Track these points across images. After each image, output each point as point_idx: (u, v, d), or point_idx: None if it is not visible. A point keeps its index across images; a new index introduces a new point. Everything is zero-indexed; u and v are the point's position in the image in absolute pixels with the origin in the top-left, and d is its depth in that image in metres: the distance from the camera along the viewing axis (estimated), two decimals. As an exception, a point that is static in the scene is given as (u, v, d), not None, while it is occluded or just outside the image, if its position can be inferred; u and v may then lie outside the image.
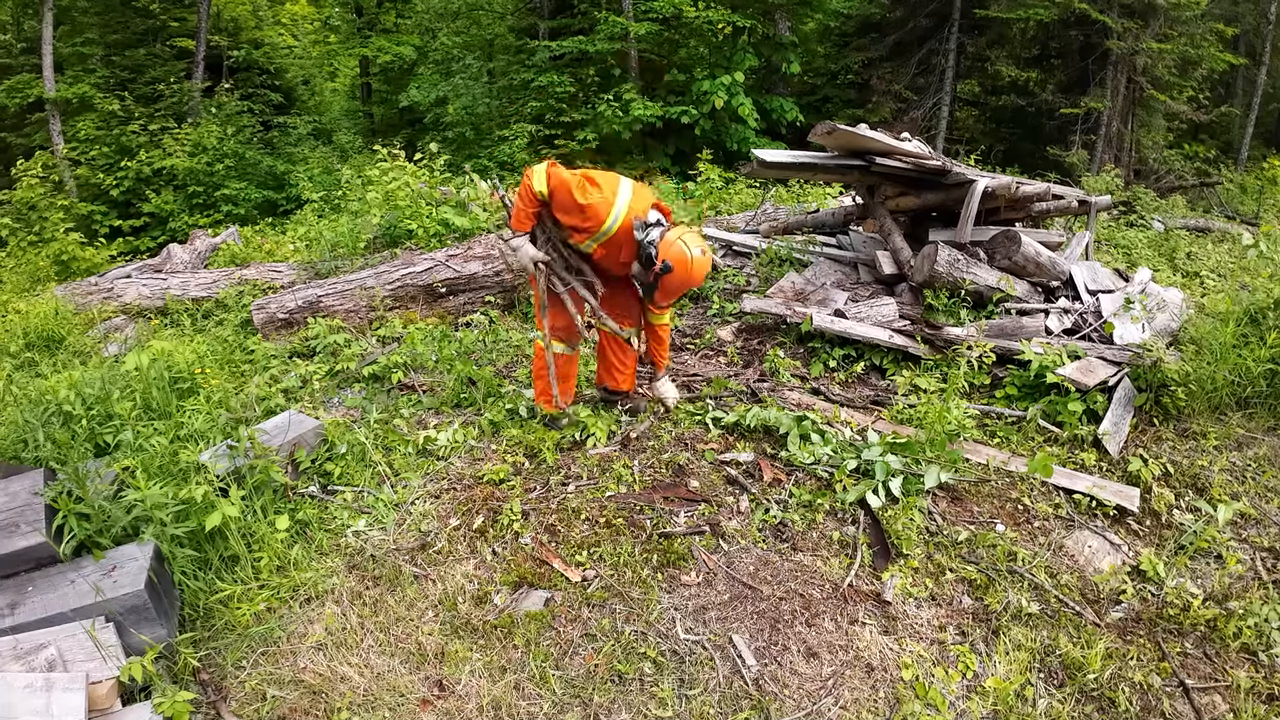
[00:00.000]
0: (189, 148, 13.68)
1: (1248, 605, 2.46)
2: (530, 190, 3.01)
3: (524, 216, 3.08)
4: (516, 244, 3.14)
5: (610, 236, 3.01)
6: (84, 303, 5.67)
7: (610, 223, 2.97)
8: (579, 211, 2.97)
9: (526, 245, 3.14)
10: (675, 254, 2.93)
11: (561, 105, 13.83)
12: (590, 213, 2.96)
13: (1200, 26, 13.70)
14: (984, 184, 4.45)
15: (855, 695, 2.18)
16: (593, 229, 2.99)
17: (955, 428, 3.28)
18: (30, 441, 3.06)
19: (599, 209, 2.95)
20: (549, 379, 3.36)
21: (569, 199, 2.96)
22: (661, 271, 2.93)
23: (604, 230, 2.99)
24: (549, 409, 3.44)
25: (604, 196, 2.97)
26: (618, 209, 2.98)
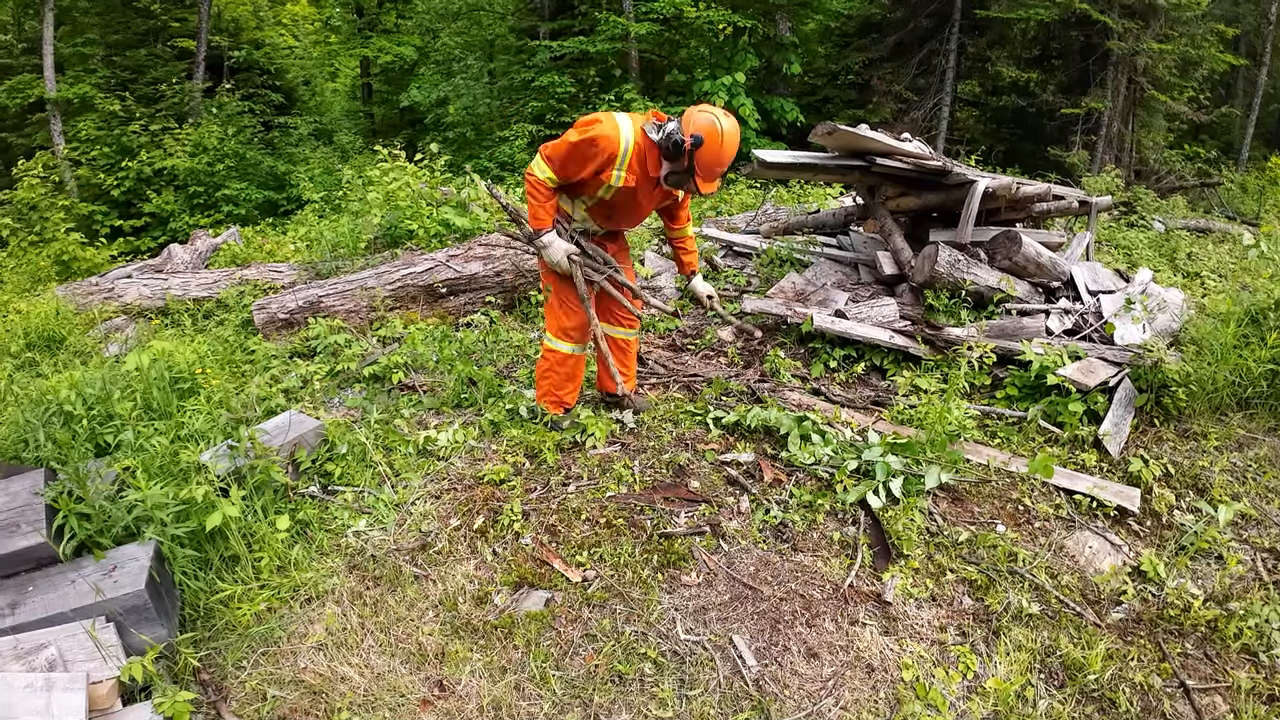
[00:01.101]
0: (190, 148, 13.70)
1: (1248, 606, 2.45)
2: (538, 181, 2.94)
3: (542, 212, 3.01)
4: (546, 241, 3.05)
5: (631, 154, 2.88)
6: (85, 303, 5.68)
7: (625, 137, 2.86)
8: (592, 149, 2.85)
9: (556, 239, 3.07)
10: (703, 123, 2.79)
11: (562, 106, 13.83)
12: (603, 141, 2.83)
13: (1201, 27, 13.69)
14: (984, 184, 4.45)
15: (856, 696, 2.18)
16: (613, 154, 2.86)
17: (956, 428, 3.28)
18: (31, 441, 3.06)
19: (607, 132, 2.83)
20: (557, 379, 3.33)
21: (577, 149, 2.86)
22: (694, 146, 2.77)
23: (624, 151, 2.86)
24: (553, 410, 3.41)
25: (603, 120, 2.86)
26: (623, 123, 2.88)
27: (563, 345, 3.29)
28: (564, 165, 2.92)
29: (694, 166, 2.83)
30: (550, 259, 3.08)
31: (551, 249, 3.06)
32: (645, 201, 3.11)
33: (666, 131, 2.84)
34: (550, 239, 3.05)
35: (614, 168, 2.89)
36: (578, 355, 3.34)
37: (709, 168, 2.85)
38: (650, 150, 2.91)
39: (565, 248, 3.07)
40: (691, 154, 2.80)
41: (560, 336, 3.28)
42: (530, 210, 3.04)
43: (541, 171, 2.93)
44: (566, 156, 2.89)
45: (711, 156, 2.81)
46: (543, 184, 2.94)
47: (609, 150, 2.85)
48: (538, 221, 3.05)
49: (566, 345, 3.29)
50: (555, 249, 3.06)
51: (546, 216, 3.03)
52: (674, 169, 2.90)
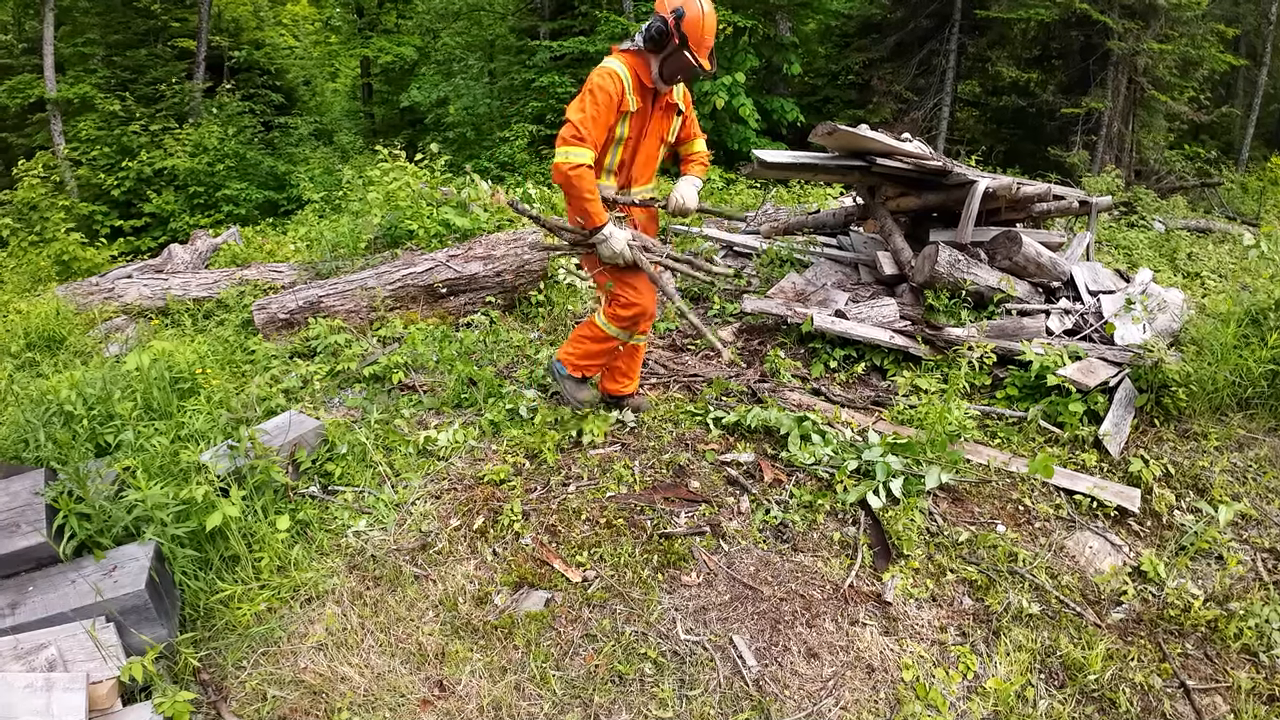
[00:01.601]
0: (190, 148, 13.71)
1: (1249, 606, 2.45)
2: (577, 170, 2.78)
3: (594, 205, 2.85)
4: (606, 233, 2.90)
5: (629, 75, 2.87)
6: (85, 303, 5.68)
7: (616, 65, 2.86)
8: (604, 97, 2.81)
9: (616, 230, 2.93)
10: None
11: (562, 105, 13.83)
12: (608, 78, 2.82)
13: (1201, 27, 13.70)
14: (985, 184, 4.45)
15: (856, 696, 2.18)
16: (619, 79, 2.84)
17: (956, 428, 3.28)
18: (31, 441, 3.06)
19: (604, 71, 2.84)
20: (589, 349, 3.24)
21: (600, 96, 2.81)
22: (677, 19, 2.76)
23: (625, 75, 2.86)
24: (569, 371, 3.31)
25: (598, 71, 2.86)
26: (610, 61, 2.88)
27: (609, 328, 3.18)
28: (595, 123, 2.81)
29: (685, 40, 2.80)
30: (611, 251, 2.93)
31: (612, 240, 2.91)
32: (655, 126, 3.06)
33: (644, 29, 2.85)
34: (610, 230, 2.90)
35: (628, 93, 2.87)
36: (618, 339, 3.24)
37: (699, 37, 2.82)
38: (636, 62, 2.91)
39: (625, 236, 2.95)
40: (679, 27, 2.77)
41: (612, 320, 3.17)
42: (579, 207, 2.86)
43: (578, 156, 2.78)
44: (592, 113, 2.80)
45: (697, 24, 2.80)
46: (583, 171, 2.78)
47: (617, 83, 2.83)
48: (596, 217, 2.88)
49: (613, 328, 3.19)
50: (616, 239, 2.92)
51: (600, 208, 2.88)
52: (666, 54, 2.85)
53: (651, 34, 2.83)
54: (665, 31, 2.80)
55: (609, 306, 3.18)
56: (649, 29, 2.83)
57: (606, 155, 3.01)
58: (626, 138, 2.99)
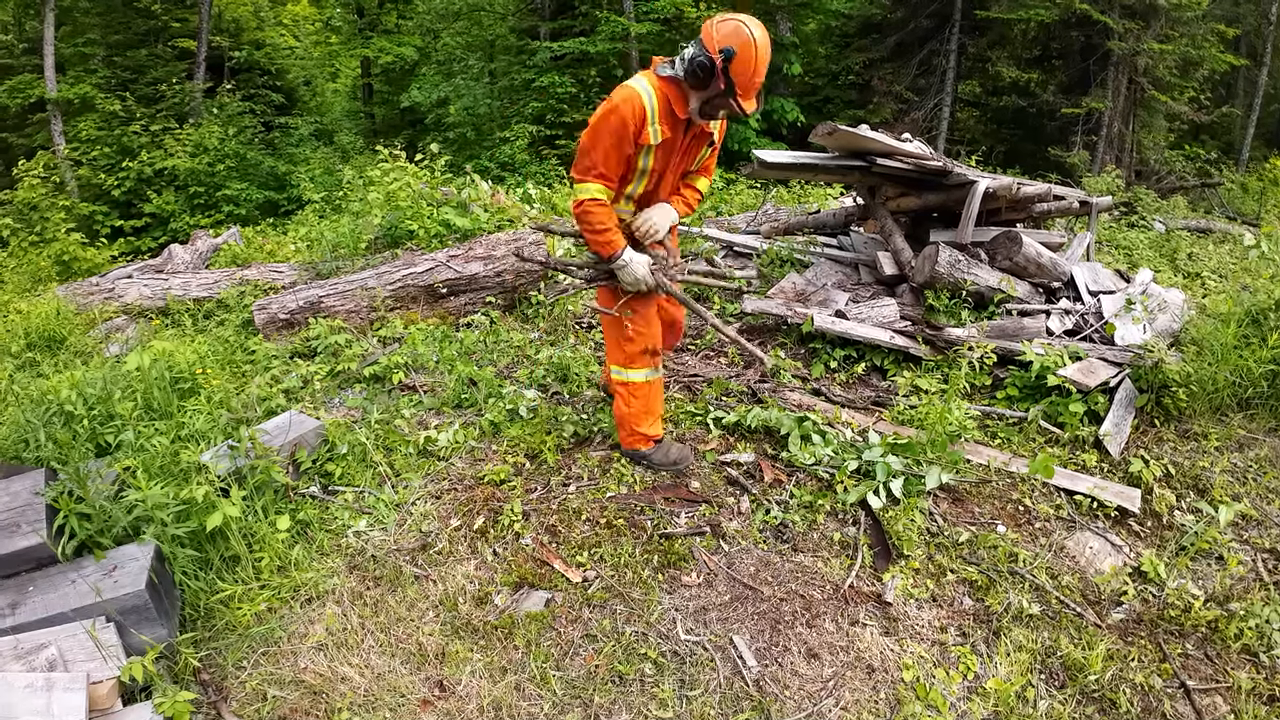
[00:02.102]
0: (190, 148, 13.72)
1: (1249, 606, 2.45)
2: (591, 202, 2.64)
3: (610, 233, 2.68)
4: (625, 260, 2.71)
5: (658, 103, 2.57)
6: (85, 303, 5.68)
7: (643, 89, 2.56)
8: (617, 120, 2.54)
9: (634, 255, 2.73)
10: (729, 32, 2.47)
11: (563, 106, 13.84)
12: (625, 106, 2.53)
13: (1201, 27, 13.70)
14: (985, 185, 4.44)
15: (856, 696, 2.18)
16: (641, 116, 2.55)
17: (956, 429, 3.28)
18: (31, 441, 3.06)
19: (625, 96, 2.55)
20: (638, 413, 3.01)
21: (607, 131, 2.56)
22: (725, 61, 2.45)
23: (650, 104, 2.56)
24: (644, 447, 3.09)
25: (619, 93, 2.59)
26: (634, 82, 2.60)
27: (636, 375, 2.95)
28: (605, 160, 2.61)
29: (732, 84, 2.50)
30: (633, 276, 2.74)
31: (632, 265, 2.72)
32: (682, 154, 2.80)
33: (686, 59, 2.53)
34: (628, 256, 2.72)
35: (649, 124, 2.58)
36: (654, 380, 3.01)
37: (747, 80, 2.51)
38: (671, 90, 2.60)
39: (645, 260, 2.75)
40: (725, 70, 2.47)
41: (633, 364, 2.93)
42: (594, 239, 2.71)
43: (588, 192, 2.64)
44: (603, 147, 2.59)
45: (747, 67, 2.48)
46: (597, 202, 2.64)
47: (638, 110, 2.55)
48: (609, 246, 2.70)
49: (642, 373, 2.95)
50: (637, 265, 2.73)
51: (617, 236, 2.70)
52: (708, 95, 2.58)
53: (694, 70, 2.52)
54: (711, 72, 2.50)
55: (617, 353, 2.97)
56: (693, 63, 2.51)
57: (629, 185, 2.78)
58: (651, 170, 2.74)
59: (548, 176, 12.32)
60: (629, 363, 2.95)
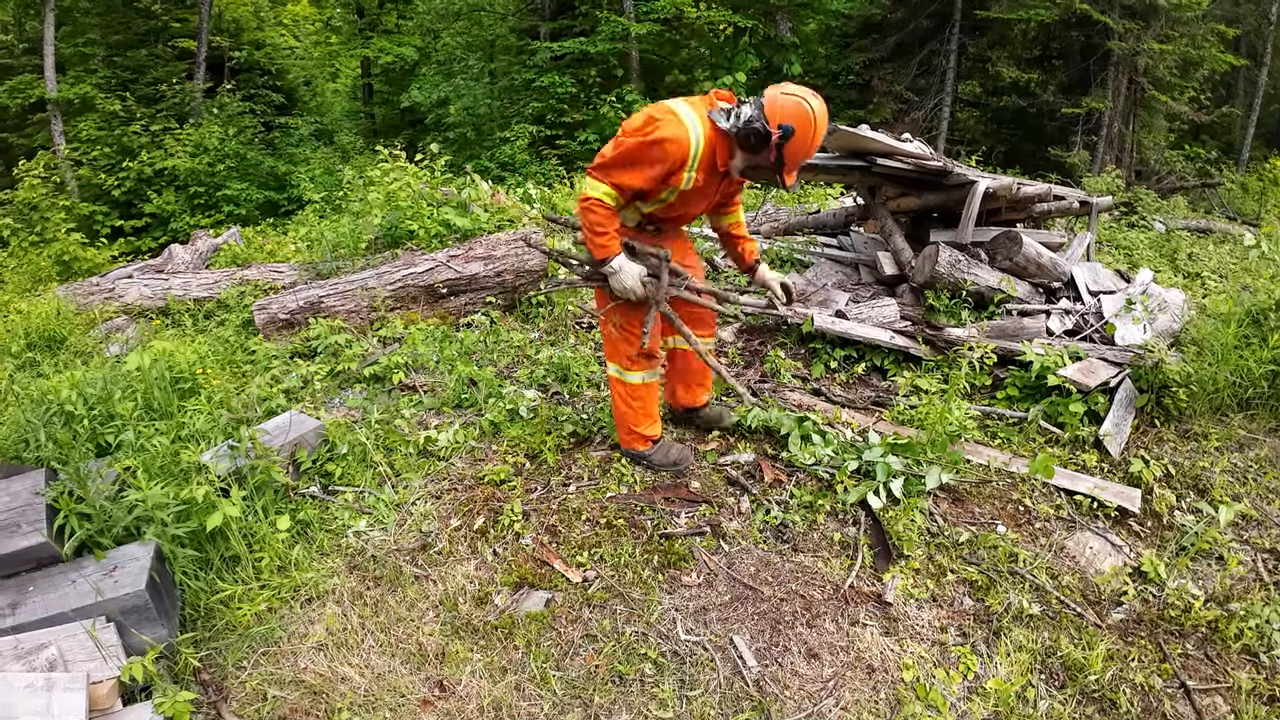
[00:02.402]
0: (190, 148, 13.73)
1: (1249, 607, 2.45)
2: (596, 203, 2.55)
3: (607, 238, 2.60)
4: (615, 266, 2.64)
5: (700, 154, 2.50)
6: (85, 303, 5.68)
7: (695, 136, 2.47)
8: (658, 153, 2.45)
9: (627, 263, 2.66)
10: (792, 109, 2.42)
11: (563, 106, 13.85)
12: (671, 145, 2.44)
13: (1201, 27, 13.70)
14: (985, 185, 4.45)
15: (856, 696, 2.18)
16: (684, 156, 2.47)
17: (956, 429, 3.27)
18: (32, 441, 3.06)
19: (676, 133, 2.44)
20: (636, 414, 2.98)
21: (639, 154, 2.46)
22: (783, 139, 2.42)
23: (693, 151, 2.48)
24: (641, 447, 3.07)
25: (671, 120, 2.46)
26: (689, 118, 2.48)
27: (633, 376, 2.94)
28: (624, 174, 2.51)
29: (782, 160, 2.47)
30: (621, 285, 2.68)
31: (622, 274, 2.65)
32: (709, 197, 2.76)
33: (744, 119, 2.46)
34: (620, 263, 2.65)
35: (685, 170, 2.50)
36: (646, 384, 2.97)
37: (798, 159, 2.50)
38: (719, 142, 2.53)
39: (637, 271, 2.67)
40: (780, 147, 2.44)
41: (631, 366, 2.92)
42: (591, 238, 2.63)
43: (596, 190, 2.54)
44: (627, 163, 2.50)
45: (802, 147, 2.46)
46: (602, 204, 2.54)
47: (679, 155, 2.47)
48: (603, 249, 2.62)
49: (638, 375, 2.93)
50: (626, 274, 2.65)
51: (613, 241, 2.62)
52: (755, 162, 2.55)
53: (748, 135, 2.46)
54: (764, 143, 2.46)
55: (613, 345, 2.94)
56: (748, 126, 2.45)
57: (648, 203, 2.71)
58: (672, 203, 2.68)
59: (548, 176, 12.32)
60: (629, 365, 2.94)
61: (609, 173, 2.54)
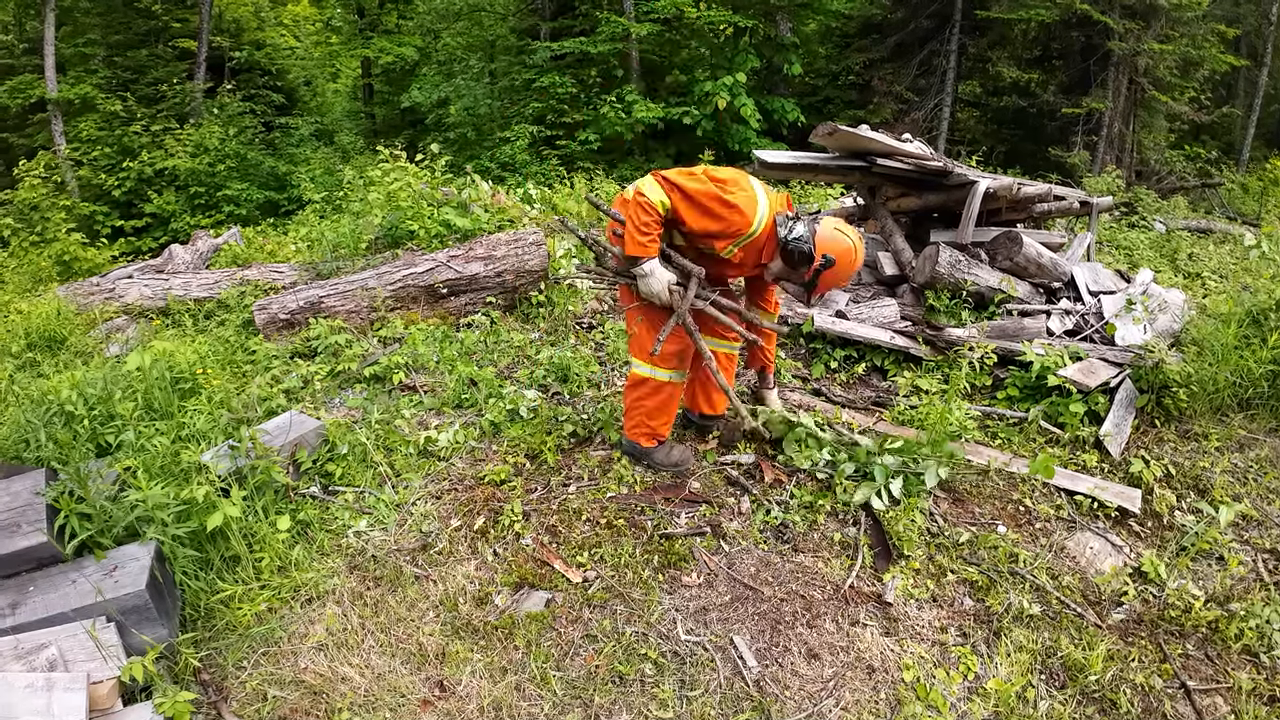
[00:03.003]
0: (191, 148, 13.72)
1: (1249, 607, 2.45)
2: (649, 204, 2.63)
3: (646, 238, 2.67)
4: (648, 269, 2.72)
5: (753, 238, 2.73)
6: (86, 303, 5.68)
7: (757, 224, 2.69)
8: (725, 213, 2.66)
9: (659, 268, 2.74)
10: (839, 247, 2.69)
11: (563, 106, 13.85)
12: (738, 216, 2.66)
13: (1202, 27, 13.69)
14: (985, 185, 4.45)
15: (856, 696, 2.18)
16: (739, 231, 2.69)
17: (957, 429, 3.27)
18: (32, 441, 3.06)
19: (747, 208, 2.67)
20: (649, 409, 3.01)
21: (712, 202, 2.65)
22: (824, 266, 2.68)
23: (750, 233, 2.70)
24: (645, 443, 3.09)
25: (749, 195, 2.70)
26: (762, 207, 2.71)
27: (656, 372, 2.96)
28: (686, 206, 2.67)
29: (815, 283, 2.75)
30: (649, 289, 2.76)
31: (652, 278, 2.73)
32: (737, 272, 2.96)
33: (795, 235, 2.70)
34: (652, 267, 2.72)
35: (734, 242, 2.72)
36: (673, 383, 3.00)
37: (828, 287, 2.79)
38: (770, 241, 2.76)
39: (667, 278, 2.74)
40: (817, 274, 2.71)
41: (659, 364, 2.95)
42: (631, 234, 2.69)
43: (655, 194, 2.64)
44: (694, 200, 2.66)
45: (835, 278, 2.74)
46: (654, 207, 2.64)
47: (740, 226, 2.69)
48: (640, 248, 2.68)
49: (664, 373, 2.96)
50: (657, 278, 2.73)
51: (653, 244, 2.70)
52: (789, 275, 2.81)
53: (794, 252, 2.71)
54: (806, 263, 2.71)
55: (637, 343, 2.99)
56: (796, 244, 2.69)
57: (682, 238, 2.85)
58: (703, 254, 2.84)
59: (548, 177, 12.31)
60: (639, 357, 2.98)
61: (674, 191, 2.66)
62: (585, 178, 9.91)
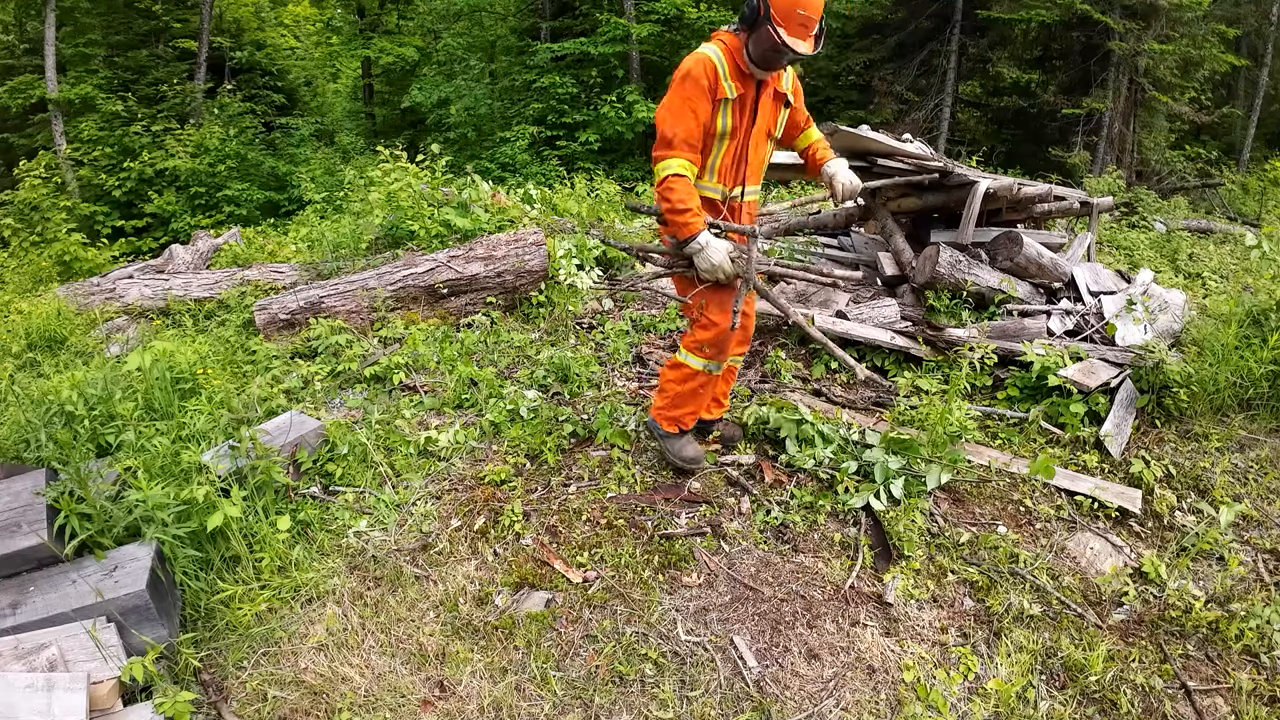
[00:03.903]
0: (191, 149, 13.75)
1: (1250, 607, 2.45)
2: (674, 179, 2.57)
3: (690, 214, 2.60)
4: (703, 241, 2.62)
5: (726, 60, 2.59)
6: (86, 303, 5.68)
7: (711, 50, 2.59)
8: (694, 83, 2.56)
9: (713, 239, 2.64)
10: None
11: (563, 106, 13.86)
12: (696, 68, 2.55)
13: (1202, 28, 13.69)
14: (986, 185, 4.44)
15: (856, 697, 2.18)
16: (713, 68, 2.57)
17: (957, 429, 3.27)
18: (32, 441, 3.06)
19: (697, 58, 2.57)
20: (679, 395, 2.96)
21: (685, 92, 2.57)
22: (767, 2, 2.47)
23: (719, 60, 2.57)
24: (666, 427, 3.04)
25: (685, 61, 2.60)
26: (703, 48, 2.61)
27: (693, 360, 2.89)
28: (681, 124, 2.57)
29: (769, 10, 2.46)
30: (709, 263, 2.65)
31: (709, 250, 2.63)
32: (763, 119, 2.74)
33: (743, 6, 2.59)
34: (705, 239, 2.62)
35: (722, 79, 2.57)
36: (706, 373, 2.92)
37: (788, 12, 2.46)
38: (734, 45, 2.61)
39: (724, 245, 2.66)
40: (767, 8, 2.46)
41: (694, 351, 2.88)
42: (674, 219, 2.63)
43: (668, 168, 2.58)
44: (678, 114, 2.57)
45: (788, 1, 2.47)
46: (680, 177, 2.58)
47: (710, 70, 2.56)
48: (687, 228, 2.61)
49: (698, 361, 2.89)
50: (714, 249, 2.63)
51: (696, 219, 2.61)
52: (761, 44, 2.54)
53: (745, 11, 2.56)
54: (756, 9, 2.51)
55: (688, 335, 2.92)
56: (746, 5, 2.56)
57: (710, 154, 2.71)
58: (732, 129, 2.68)
59: (548, 177, 12.32)
60: (695, 349, 2.89)
61: (672, 138, 2.59)
62: (585, 178, 9.90)
